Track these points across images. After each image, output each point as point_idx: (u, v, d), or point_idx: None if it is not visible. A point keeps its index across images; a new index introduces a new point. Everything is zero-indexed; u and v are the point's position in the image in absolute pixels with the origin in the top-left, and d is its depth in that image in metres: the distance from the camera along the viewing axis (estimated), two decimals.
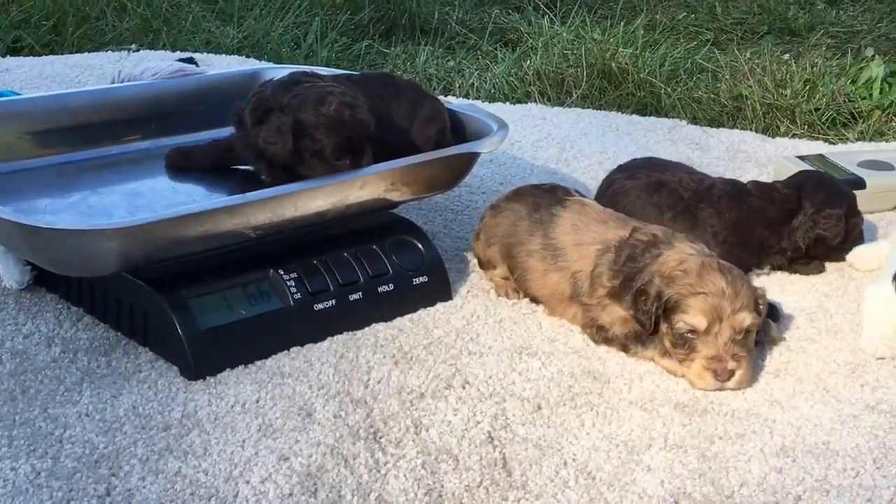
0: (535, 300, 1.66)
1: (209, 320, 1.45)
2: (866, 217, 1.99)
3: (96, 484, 1.22)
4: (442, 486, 1.25)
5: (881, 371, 1.51)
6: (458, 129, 1.82)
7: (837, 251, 1.80)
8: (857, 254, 1.80)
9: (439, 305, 1.64)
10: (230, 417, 1.35)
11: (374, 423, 1.34)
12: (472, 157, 1.71)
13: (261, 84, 1.69)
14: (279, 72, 1.95)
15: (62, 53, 2.95)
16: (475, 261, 1.76)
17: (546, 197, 1.69)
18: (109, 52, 2.93)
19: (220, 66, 2.74)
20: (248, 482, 1.23)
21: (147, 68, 2.27)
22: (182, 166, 1.78)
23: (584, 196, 1.72)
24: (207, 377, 1.42)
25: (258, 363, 1.47)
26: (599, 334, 1.56)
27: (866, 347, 1.55)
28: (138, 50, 2.91)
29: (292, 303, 1.52)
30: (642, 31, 3.02)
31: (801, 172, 1.80)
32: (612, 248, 1.56)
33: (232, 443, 1.30)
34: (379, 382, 1.43)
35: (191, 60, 2.57)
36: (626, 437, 1.35)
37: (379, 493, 1.23)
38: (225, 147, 1.74)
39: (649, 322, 1.48)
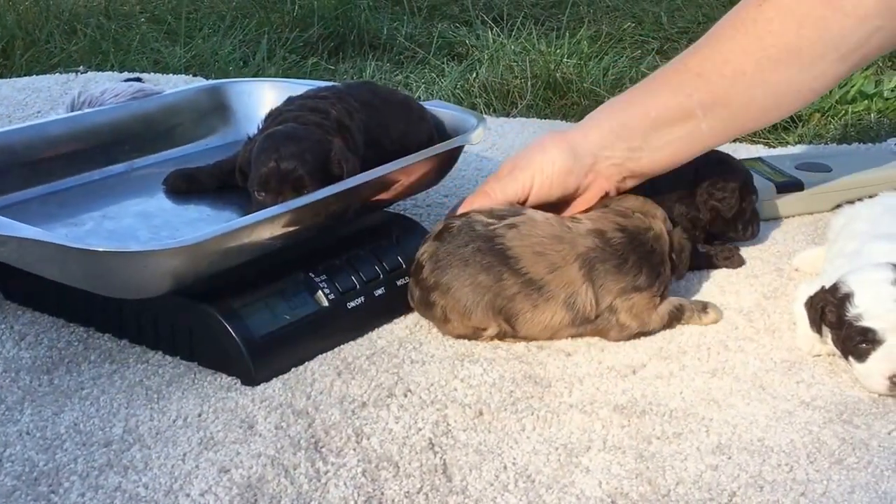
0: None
1: None
2: (805, 219, 2.03)
3: (35, 501, 1.22)
4: (382, 494, 1.26)
5: (817, 368, 1.54)
6: (439, 127, 1.91)
7: (733, 227, 1.84)
8: (803, 258, 1.83)
9: None
10: (172, 432, 1.35)
11: (315, 434, 1.35)
12: (458, 151, 1.80)
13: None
14: (240, 85, 2.01)
15: (10, 77, 2.94)
16: None
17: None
18: (57, 74, 2.92)
19: (167, 84, 2.74)
20: (188, 495, 1.24)
21: (106, 90, 2.27)
22: (185, 190, 1.78)
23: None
24: (149, 392, 1.43)
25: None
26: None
27: (803, 345, 1.58)
28: (86, 71, 2.91)
29: None
30: (587, 42, 3.05)
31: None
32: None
33: (173, 457, 1.30)
34: (321, 393, 1.44)
35: (137, 80, 2.57)
36: (565, 439, 1.37)
37: (319, 501, 1.24)
38: (229, 169, 1.75)
39: None
